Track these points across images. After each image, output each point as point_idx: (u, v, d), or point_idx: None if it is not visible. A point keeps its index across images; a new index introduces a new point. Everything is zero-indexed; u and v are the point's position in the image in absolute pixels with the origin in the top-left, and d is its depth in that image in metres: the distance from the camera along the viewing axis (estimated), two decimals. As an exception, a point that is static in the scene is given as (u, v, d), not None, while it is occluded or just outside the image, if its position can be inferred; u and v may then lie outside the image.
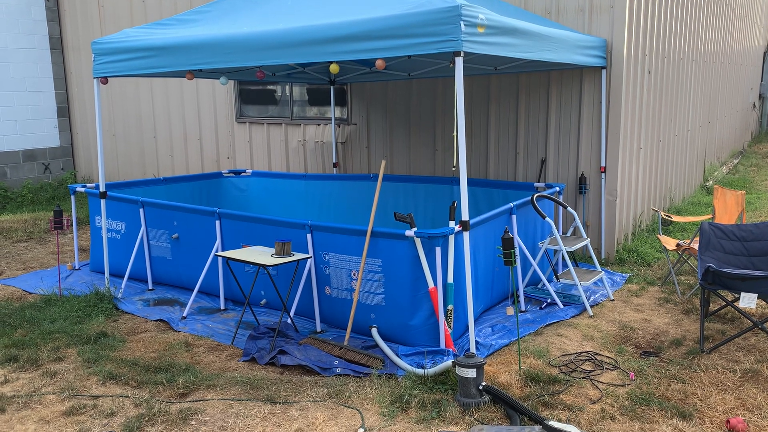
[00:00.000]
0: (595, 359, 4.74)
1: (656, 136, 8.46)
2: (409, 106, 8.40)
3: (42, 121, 11.82)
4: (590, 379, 4.42)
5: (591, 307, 5.86)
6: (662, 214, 6.73)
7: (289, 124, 9.48)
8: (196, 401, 4.18)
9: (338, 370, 4.60)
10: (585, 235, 6.24)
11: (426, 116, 8.29)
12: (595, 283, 6.50)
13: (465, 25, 4.26)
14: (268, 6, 5.84)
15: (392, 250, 4.94)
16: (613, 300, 6.07)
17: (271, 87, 9.59)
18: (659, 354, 4.86)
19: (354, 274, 5.19)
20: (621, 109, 7.01)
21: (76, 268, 7.45)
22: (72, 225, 8.68)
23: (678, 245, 6.18)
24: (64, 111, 12.12)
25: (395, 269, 4.95)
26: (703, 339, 4.91)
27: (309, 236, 5.38)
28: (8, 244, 8.62)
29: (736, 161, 14.83)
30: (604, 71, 6.98)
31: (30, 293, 6.56)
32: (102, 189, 6.56)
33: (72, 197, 7.46)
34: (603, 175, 7.17)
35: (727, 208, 6.47)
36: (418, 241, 4.80)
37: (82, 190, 7.18)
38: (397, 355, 4.77)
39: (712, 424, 3.83)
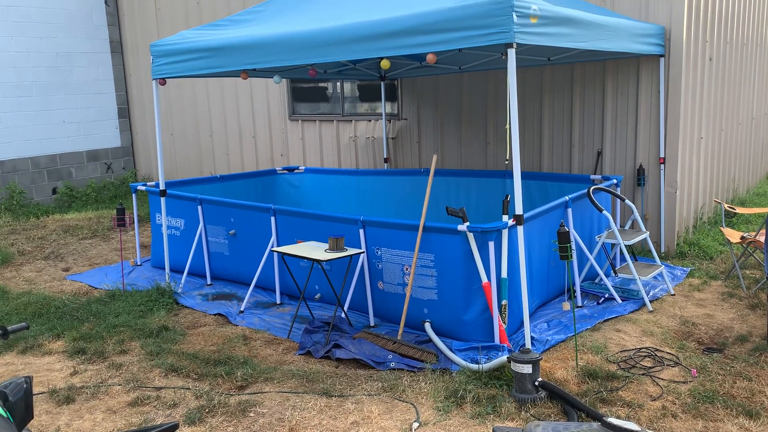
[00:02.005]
0: (655, 355, 4.62)
1: (718, 125, 8.16)
2: (460, 99, 8.34)
3: (104, 122, 12.26)
4: (650, 376, 4.32)
5: (651, 302, 5.71)
6: (725, 205, 6.49)
7: (340, 120, 9.55)
8: (254, 393, 4.27)
9: (392, 365, 4.62)
10: (644, 229, 6.08)
11: (477, 109, 8.22)
12: (654, 277, 6.32)
13: (517, 16, 4.21)
14: (318, 4, 5.90)
15: (445, 245, 4.93)
16: (673, 295, 5.89)
17: (322, 84, 9.69)
18: (723, 350, 4.70)
19: (406, 269, 5.20)
20: (680, 98, 6.78)
21: (138, 264, 7.71)
22: (134, 222, 8.98)
23: (742, 238, 5.95)
24: (124, 112, 12.54)
25: (448, 264, 4.94)
26: (770, 335, 4.72)
27: (361, 231, 5.42)
28: (75, 241, 8.99)
29: (805, 150, 14.15)
30: (662, 59, 6.77)
31: (95, 288, 6.83)
32: (162, 187, 6.76)
33: (133, 195, 7.72)
34: (662, 166, 6.96)
35: (796, 199, 6.19)
36: (470, 236, 4.78)
37: (143, 188, 7.41)
38: (451, 350, 4.76)
39: (781, 423, 3.69)
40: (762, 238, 5.80)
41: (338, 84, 9.50)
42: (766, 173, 11.12)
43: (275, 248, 5.45)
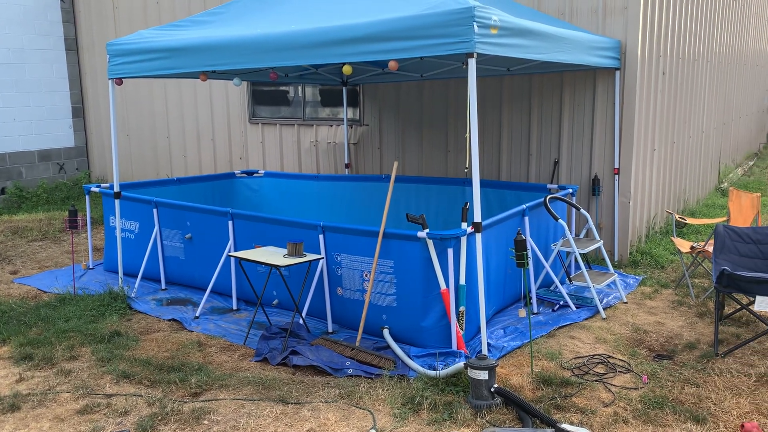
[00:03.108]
0: (608, 362, 4.72)
1: (670, 138, 8.40)
2: (421, 107, 8.40)
3: (57, 122, 11.93)
4: (603, 382, 4.40)
5: (604, 309, 5.83)
6: (676, 216, 6.68)
7: (301, 124, 9.51)
8: (209, 401, 4.20)
9: (350, 371, 4.61)
10: (598, 237, 6.21)
11: (438, 117, 8.29)
12: (608, 285, 6.46)
13: (478, 26, 4.26)
14: (281, 7, 5.87)
15: (404, 252, 4.94)
16: (626, 302, 6.03)
17: (283, 88, 9.63)
18: (673, 357, 4.82)
19: (366, 275, 5.20)
20: (635, 111, 6.97)
21: (91, 267, 7.51)
22: (86, 225, 8.75)
23: (692, 248, 6.13)
24: (78, 111, 12.23)
25: (407, 270, 4.95)
26: (717, 342, 4.87)
27: (321, 237, 5.39)
28: (23, 243, 8.71)
29: (751, 163, 14.69)
30: (617, 72, 6.95)
31: (45, 292, 6.62)
32: (116, 189, 6.61)
33: (86, 197, 7.53)
34: (616, 176, 7.13)
35: (742, 211, 6.42)
36: (430, 243, 4.80)
37: (97, 190, 7.24)
38: (409, 356, 4.77)
39: (726, 428, 3.80)
40: (710, 248, 5.99)
41: (299, 88, 9.46)
42: (714, 185, 11.50)
43: (232, 253, 5.38)
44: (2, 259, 7.91)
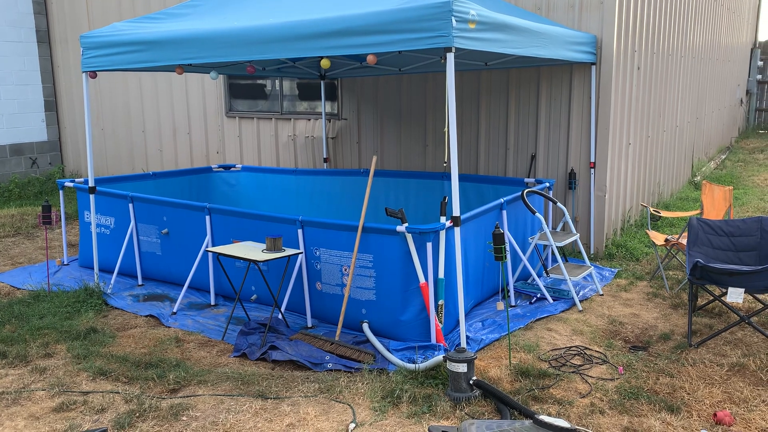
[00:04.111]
0: (585, 354, 4.78)
1: (645, 132, 8.51)
2: (399, 101, 8.40)
3: (29, 115, 11.71)
4: (580, 374, 4.46)
5: (580, 301, 5.90)
6: (651, 209, 6.77)
7: (279, 118, 9.45)
8: (187, 397, 4.18)
9: (329, 366, 4.61)
10: (574, 231, 6.27)
11: (417, 111, 8.30)
12: (584, 278, 6.53)
13: (456, 20, 4.27)
14: (258, 0, 5.82)
15: (383, 246, 4.95)
16: (602, 295, 6.11)
17: (261, 81, 9.56)
18: (648, 348, 4.90)
19: (345, 270, 5.20)
20: (610, 105, 7.04)
21: (65, 263, 7.40)
22: (60, 220, 8.62)
23: (666, 240, 6.23)
24: (51, 105, 12.02)
25: (386, 265, 4.96)
26: (690, 333, 4.96)
27: (300, 232, 5.38)
28: (-5, 239, 8.55)
29: (723, 157, 14.94)
30: (593, 67, 7.01)
31: (18, 289, 6.52)
32: (91, 184, 6.52)
33: (60, 192, 7.41)
34: (592, 170, 7.21)
35: (715, 204, 6.53)
36: (409, 237, 4.81)
37: (71, 185, 7.13)
38: (388, 350, 4.78)
39: (699, 417, 3.88)
40: (684, 241, 6.09)
41: (277, 82, 9.40)
42: (688, 179, 11.68)
43: (210, 248, 5.34)
44: (-27, 256, 7.76)
